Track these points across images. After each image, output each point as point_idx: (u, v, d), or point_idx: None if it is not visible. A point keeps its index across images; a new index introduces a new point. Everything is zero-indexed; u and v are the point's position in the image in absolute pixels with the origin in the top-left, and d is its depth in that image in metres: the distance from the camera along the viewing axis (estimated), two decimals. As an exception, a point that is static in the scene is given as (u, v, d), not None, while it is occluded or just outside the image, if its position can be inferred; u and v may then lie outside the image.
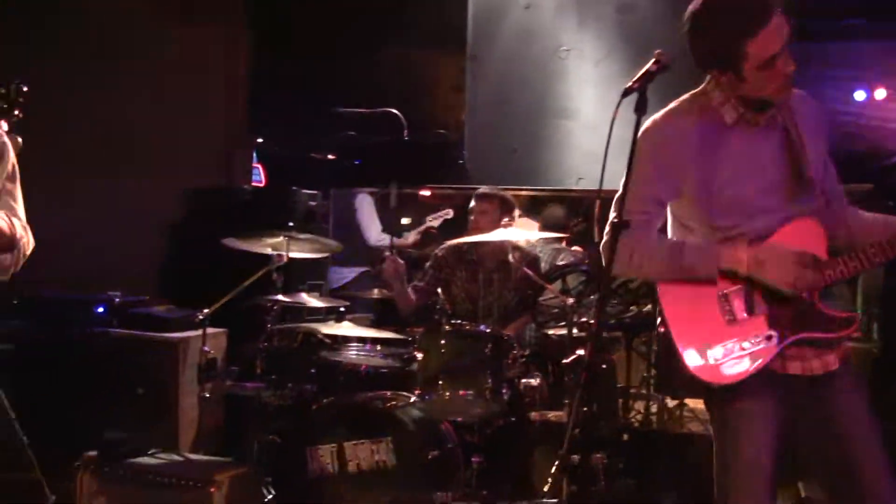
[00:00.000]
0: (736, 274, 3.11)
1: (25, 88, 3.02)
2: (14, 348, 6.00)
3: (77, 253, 7.73)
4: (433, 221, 6.92)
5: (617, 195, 3.05)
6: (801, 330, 3.10)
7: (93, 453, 4.88)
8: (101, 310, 6.00)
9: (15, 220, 3.36)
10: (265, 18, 7.92)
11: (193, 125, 7.78)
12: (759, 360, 3.08)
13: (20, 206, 3.47)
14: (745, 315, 3.12)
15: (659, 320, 3.25)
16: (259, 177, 9.92)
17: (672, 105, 3.24)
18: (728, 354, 3.10)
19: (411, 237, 7.06)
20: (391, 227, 7.38)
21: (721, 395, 3.13)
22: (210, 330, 5.77)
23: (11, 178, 3.47)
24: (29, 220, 6.77)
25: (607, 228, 3.05)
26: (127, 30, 7.89)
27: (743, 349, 3.10)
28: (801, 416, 3.15)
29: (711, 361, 3.10)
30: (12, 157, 3.48)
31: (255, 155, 9.66)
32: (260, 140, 9.51)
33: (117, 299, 6.05)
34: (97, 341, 5.91)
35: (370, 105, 7.63)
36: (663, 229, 3.34)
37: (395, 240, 7.41)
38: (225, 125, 7.84)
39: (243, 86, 7.84)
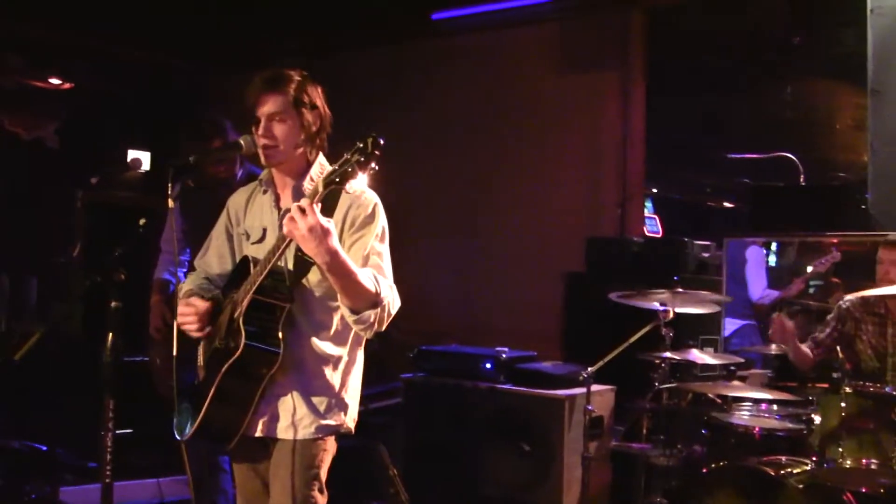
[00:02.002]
0: None
1: (382, 141, 3.04)
2: (404, 402, 6.19)
3: (472, 306, 7.98)
4: (819, 267, 6.42)
5: None
6: None
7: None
8: (488, 365, 6.04)
9: (381, 279, 3.40)
10: (658, 65, 7.79)
11: (588, 175, 7.79)
12: None
13: (387, 266, 3.52)
14: None
15: None
16: (656, 227, 9.77)
17: None
18: None
19: (795, 286, 6.57)
20: (779, 281, 6.99)
21: None
22: (597, 387, 5.69)
23: (381, 238, 3.53)
24: (423, 275, 7.04)
25: None
26: (520, 82, 8.08)
27: None
28: None
29: None
30: (381, 217, 3.54)
31: (651, 205, 9.52)
32: (655, 190, 9.36)
33: (504, 355, 6.06)
34: (484, 397, 5.96)
35: (765, 148, 7.25)
36: None
37: (779, 292, 6.99)
38: (619, 175, 7.77)
39: (638, 134, 7.73)
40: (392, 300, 3.43)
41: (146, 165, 7.56)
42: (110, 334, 3.36)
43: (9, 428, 6.01)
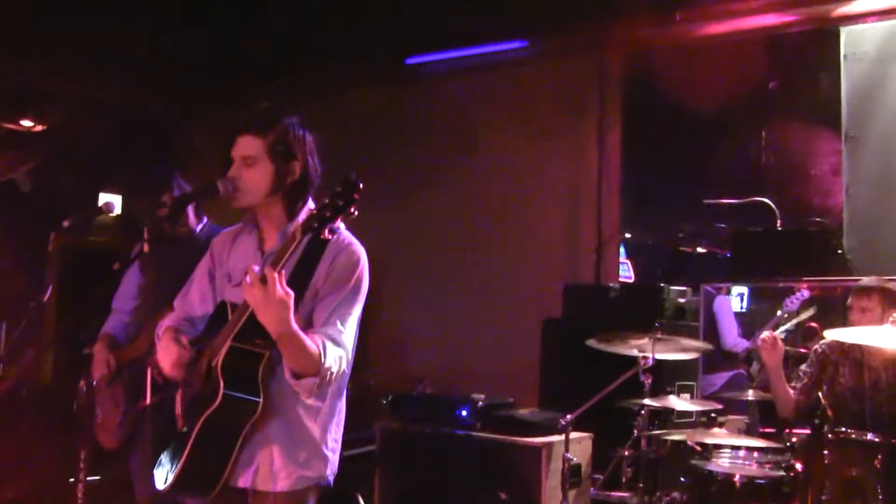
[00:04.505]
0: None
1: (361, 185, 2.98)
2: (379, 450, 6.09)
3: (451, 351, 7.91)
4: (790, 306, 6.38)
5: None
6: None
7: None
8: (464, 412, 5.94)
9: (329, 347, 3.27)
10: (634, 111, 7.80)
11: (565, 221, 7.76)
12: None
13: (350, 327, 3.39)
14: None
15: None
16: (628, 272, 9.74)
17: None
18: None
19: (763, 333, 6.49)
20: (752, 327, 6.96)
21: None
22: (575, 434, 5.63)
23: (354, 297, 3.42)
24: (401, 320, 6.94)
25: None
26: (496, 127, 8.07)
27: None
28: None
29: None
30: (363, 274, 3.45)
31: (624, 250, 9.50)
32: (628, 235, 9.35)
33: (480, 402, 5.96)
34: (461, 444, 5.86)
35: (741, 193, 7.26)
36: None
37: (748, 342, 6.98)
38: (595, 220, 7.75)
39: (614, 178, 7.72)
40: (337, 370, 3.32)
41: (118, 209, 7.49)
42: (82, 381, 3.26)
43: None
